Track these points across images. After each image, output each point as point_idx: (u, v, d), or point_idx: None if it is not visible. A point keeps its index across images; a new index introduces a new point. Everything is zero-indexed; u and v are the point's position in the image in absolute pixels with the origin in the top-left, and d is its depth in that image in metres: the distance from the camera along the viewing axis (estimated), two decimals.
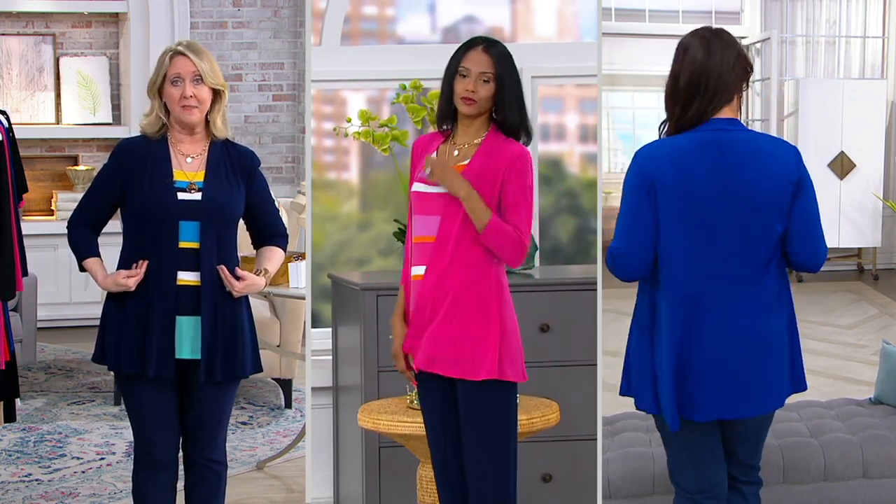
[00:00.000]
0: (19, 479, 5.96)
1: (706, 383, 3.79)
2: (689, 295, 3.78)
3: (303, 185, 6.41)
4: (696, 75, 3.79)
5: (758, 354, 3.79)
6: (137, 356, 4.15)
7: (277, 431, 6.75)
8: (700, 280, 3.77)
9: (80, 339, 8.49)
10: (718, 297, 3.77)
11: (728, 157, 3.78)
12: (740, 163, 3.77)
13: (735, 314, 3.77)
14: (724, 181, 3.76)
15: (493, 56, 3.97)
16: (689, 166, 3.77)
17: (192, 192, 4.17)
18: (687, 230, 3.76)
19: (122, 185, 4.19)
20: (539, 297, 5.14)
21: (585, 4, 5.74)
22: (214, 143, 4.26)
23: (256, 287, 4.25)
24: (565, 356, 5.15)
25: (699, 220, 3.75)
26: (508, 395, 3.99)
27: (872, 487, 4.98)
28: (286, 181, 9.55)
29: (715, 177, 3.76)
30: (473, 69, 3.96)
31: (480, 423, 3.98)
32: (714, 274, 3.77)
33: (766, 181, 3.77)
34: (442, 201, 3.99)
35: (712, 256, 3.77)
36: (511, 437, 4.01)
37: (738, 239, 3.76)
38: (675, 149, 3.81)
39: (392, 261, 5.48)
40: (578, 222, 5.77)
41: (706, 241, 3.76)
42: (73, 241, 4.33)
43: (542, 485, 5.21)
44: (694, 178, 3.76)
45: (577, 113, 5.80)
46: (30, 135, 9.08)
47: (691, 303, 3.78)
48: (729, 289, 3.78)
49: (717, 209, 3.75)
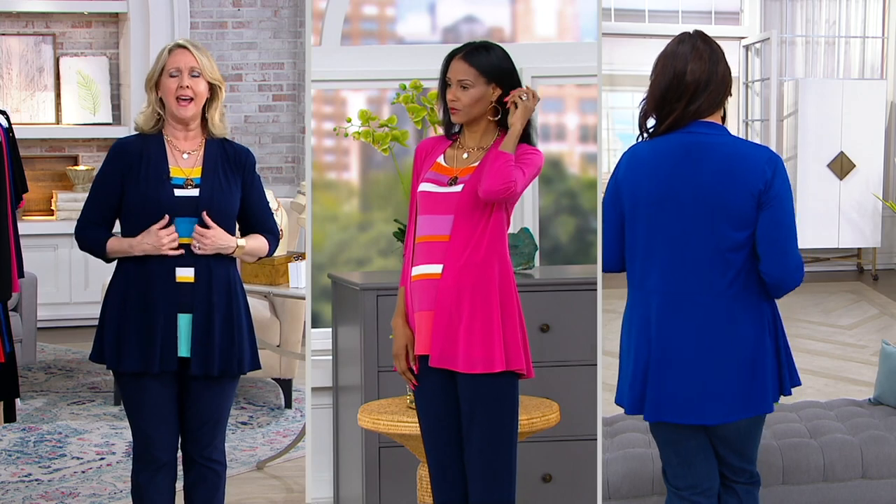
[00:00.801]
0: (19, 479, 5.96)
1: (666, 385, 3.82)
2: (648, 293, 3.84)
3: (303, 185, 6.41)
4: (677, 79, 3.82)
5: (713, 363, 3.78)
6: (140, 353, 4.15)
7: (277, 431, 6.75)
8: (662, 281, 3.81)
9: (80, 339, 8.49)
10: (680, 300, 3.79)
11: (694, 161, 3.80)
12: (706, 168, 3.78)
13: (694, 319, 3.78)
14: (685, 184, 3.78)
15: (471, 64, 4.03)
16: (654, 168, 3.83)
17: (189, 189, 4.18)
18: (647, 231, 3.83)
19: (121, 184, 4.19)
20: (539, 297, 5.14)
21: (585, 5, 5.74)
22: (211, 141, 4.26)
23: (224, 245, 4.18)
24: (565, 356, 5.15)
25: (657, 221, 3.80)
26: (513, 388, 4.02)
27: (872, 488, 4.98)
28: (286, 181, 9.55)
29: (678, 180, 3.79)
30: (453, 77, 4.05)
31: (491, 412, 3.99)
32: (675, 276, 3.79)
33: (729, 187, 3.75)
34: (455, 200, 4.02)
35: (670, 259, 3.80)
36: (513, 431, 4.02)
37: (696, 244, 3.78)
38: (650, 151, 3.88)
39: (392, 261, 5.47)
40: (578, 222, 5.77)
41: (663, 243, 3.81)
42: (88, 241, 4.27)
43: (542, 485, 5.21)
44: (657, 179, 3.81)
45: (577, 113, 5.80)
46: (30, 135, 9.08)
47: (651, 301, 3.82)
48: (694, 293, 3.79)
49: (675, 212, 3.79)
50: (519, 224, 5.51)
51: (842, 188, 11.25)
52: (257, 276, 6.08)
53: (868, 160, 11.26)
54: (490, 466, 4.00)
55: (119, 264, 4.23)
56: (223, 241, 4.18)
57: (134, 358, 4.16)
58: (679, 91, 3.82)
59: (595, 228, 4.96)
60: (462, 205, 4.02)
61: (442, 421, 4.08)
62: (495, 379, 3.98)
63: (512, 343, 4.00)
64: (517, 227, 5.44)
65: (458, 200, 4.02)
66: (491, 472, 4.00)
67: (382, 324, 5.04)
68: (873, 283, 11.37)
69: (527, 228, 5.44)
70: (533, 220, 5.61)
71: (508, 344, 3.99)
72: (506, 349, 3.98)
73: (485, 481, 4.00)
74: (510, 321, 4.00)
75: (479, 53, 4.05)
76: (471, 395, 4.00)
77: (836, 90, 11.28)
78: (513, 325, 4.00)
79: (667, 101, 3.84)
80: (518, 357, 4.01)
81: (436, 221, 4.04)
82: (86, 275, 8.87)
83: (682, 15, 11.75)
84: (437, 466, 4.10)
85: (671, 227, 3.80)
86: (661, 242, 3.82)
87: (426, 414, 4.10)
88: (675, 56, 3.83)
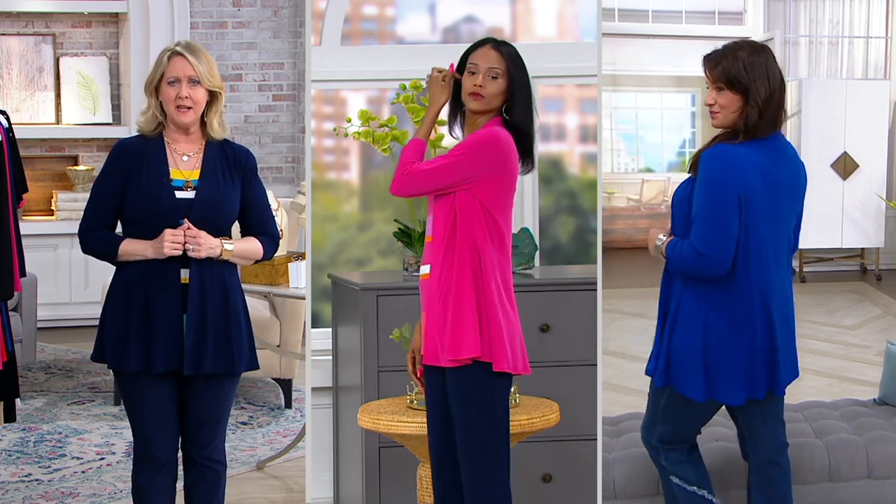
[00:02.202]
0: (19, 479, 5.95)
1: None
2: (765, 283, 4.15)
3: (303, 185, 6.40)
4: (779, 89, 4.13)
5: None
6: (143, 353, 4.15)
7: (277, 431, 6.74)
8: (777, 273, 4.18)
9: (80, 339, 8.48)
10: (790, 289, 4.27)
11: (790, 166, 4.19)
12: (792, 171, 4.19)
13: (792, 306, 4.26)
14: (783, 185, 4.15)
15: (502, 53, 4.02)
16: (769, 174, 4.11)
17: (188, 191, 4.18)
18: (766, 229, 4.13)
19: (123, 185, 4.19)
20: (539, 297, 5.13)
21: (586, 5, 5.73)
22: (211, 143, 4.26)
23: (210, 248, 4.15)
24: (565, 356, 5.14)
25: (772, 220, 4.14)
26: (492, 381, 3.97)
27: (877, 488, 4.97)
28: (286, 181, 9.55)
29: (782, 183, 4.15)
30: (482, 64, 4.01)
31: (464, 407, 3.98)
32: (784, 268, 4.21)
33: (802, 186, 4.23)
34: (432, 200, 4.03)
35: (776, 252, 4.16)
36: (498, 423, 3.99)
37: (786, 241, 4.21)
38: (759, 153, 4.12)
39: (392, 261, 5.47)
40: (578, 222, 5.76)
41: (775, 241, 4.16)
42: (96, 243, 4.23)
43: (542, 485, 5.20)
44: (772, 180, 4.12)
45: (577, 113, 5.79)
46: (30, 135, 9.08)
47: (772, 288, 4.17)
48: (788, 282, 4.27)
49: (779, 211, 4.15)
50: (519, 224, 5.49)
51: (845, 188, 11.24)
52: (257, 276, 6.08)
53: (871, 160, 11.25)
54: (472, 463, 3.99)
55: (121, 265, 4.22)
56: (210, 243, 4.17)
57: (137, 358, 4.16)
58: (783, 98, 4.14)
59: (595, 228, 4.94)
60: (435, 204, 4.03)
61: (434, 418, 4.10)
62: (468, 374, 3.97)
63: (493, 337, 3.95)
64: (517, 227, 5.43)
65: (433, 200, 4.04)
66: (473, 469, 3.99)
67: (382, 324, 5.03)
68: (877, 283, 11.35)
69: (527, 228, 5.43)
70: (533, 220, 5.60)
71: (483, 337, 3.95)
72: (480, 342, 3.95)
73: (468, 478, 4.00)
74: (487, 314, 3.96)
75: (508, 47, 4.04)
76: (450, 391, 4.02)
77: (840, 90, 11.26)
78: (490, 318, 3.96)
79: (776, 107, 4.13)
80: (499, 352, 3.96)
81: (428, 221, 4.08)
82: (86, 275, 8.86)
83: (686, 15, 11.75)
84: (433, 464, 4.13)
85: (779, 225, 4.16)
86: (773, 240, 4.15)
87: (427, 410, 4.14)
88: (775, 64, 4.11)
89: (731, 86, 4.09)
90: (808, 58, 11.73)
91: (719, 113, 4.13)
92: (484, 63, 4.00)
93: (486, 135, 3.98)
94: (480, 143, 3.97)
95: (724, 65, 4.09)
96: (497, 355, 3.96)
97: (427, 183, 3.98)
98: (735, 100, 4.10)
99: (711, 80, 4.12)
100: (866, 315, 10.02)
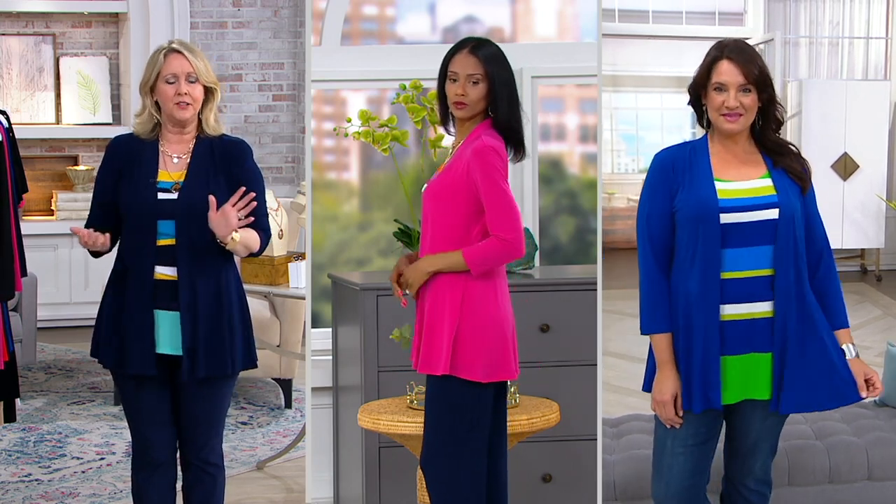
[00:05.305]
0: (19, 479, 5.95)
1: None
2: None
3: (303, 185, 6.40)
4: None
5: None
6: (117, 351, 4.17)
7: (277, 431, 6.74)
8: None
9: (80, 339, 8.47)
10: None
11: None
12: None
13: None
14: None
15: (479, 57, 4.01)
16: None
17: (175, 192, 4.17)
18: None
19: (116, 183, 4.21)
20: (539, 297, 5.13)
21: (585, 5, 5.74)
22: (202, 141, 4.24)
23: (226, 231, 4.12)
24: (565, 356, 5.14)
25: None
26: (461, 392, 3.98)
27: (877, 489, 4.97)
28: (286, 181, 9.55)
29: None
30: (461, 72, 4.01)
31: (430, 414, 4.02)
32: None
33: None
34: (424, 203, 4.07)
35: None
36: (460, 436, 3.98)
37: None
38: None
39: (392, 261, 5.46)
40: (578, 222, 5.76)
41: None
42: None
43: (542, 485, 5.20)
44: None
45: (577, 113, 5.80)
46: (30, 135, 9.07)
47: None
48: None
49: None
50: None
51: (845, 189, 11.23)
52: (257, 276, 6.07)
53: (872, 161, 11.24)
54: (433, 468, 4.01)
55: (115, 261, 4.24)
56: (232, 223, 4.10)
57: (110, 356, 4.18)
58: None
59: (595, 228, 4.94)
60: (426, 208, 4.05)
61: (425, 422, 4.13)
62: (438, 380, 4.01)
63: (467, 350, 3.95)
64: None
65: (424, 203, 4.05)
66: (434, 473, 4.00)
67: (382, 324, 5.03)
68: (877, 283, 11.34)
69: (527, 228, 5.43)
70: (533, 220, 5.60)
71: (457, 352, 3.95)
72: (452, 358, 3.95)
73: (427, 478, 4.02)
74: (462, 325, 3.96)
75: (486, 48, 4.02)
76: (426, 392, 4.07)
77: (840, 91, 11.26)
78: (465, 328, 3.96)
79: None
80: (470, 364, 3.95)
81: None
82: (86, 275, 8.86)
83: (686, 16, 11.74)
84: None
85: None
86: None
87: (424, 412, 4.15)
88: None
89: (759, 87, 3.86)
90: (808, 59, 11.73)
91: (743, 116, 3.86)
92: (462, 70, 4.00)
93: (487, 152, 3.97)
94: (498, 161, 3.97)
95: (759, 64, 3.84)
96: (468, 368, 3.96)
97: (518, 217, 3.99)
98: (755, 101, 3.87)
99: (743, 80, 3.84)
100: (866, 316, 10.01)
